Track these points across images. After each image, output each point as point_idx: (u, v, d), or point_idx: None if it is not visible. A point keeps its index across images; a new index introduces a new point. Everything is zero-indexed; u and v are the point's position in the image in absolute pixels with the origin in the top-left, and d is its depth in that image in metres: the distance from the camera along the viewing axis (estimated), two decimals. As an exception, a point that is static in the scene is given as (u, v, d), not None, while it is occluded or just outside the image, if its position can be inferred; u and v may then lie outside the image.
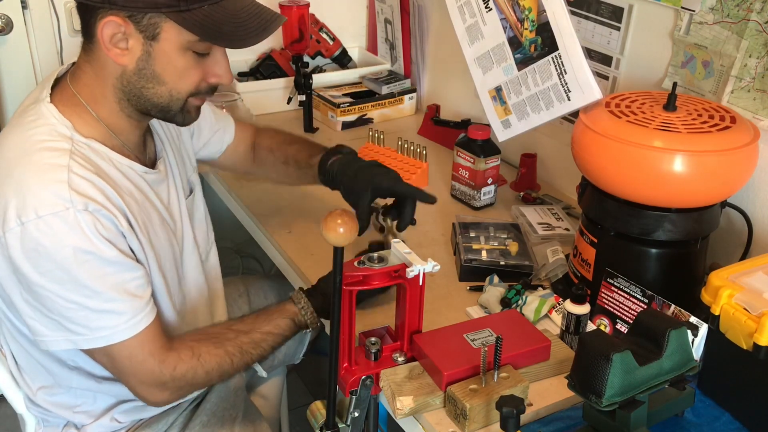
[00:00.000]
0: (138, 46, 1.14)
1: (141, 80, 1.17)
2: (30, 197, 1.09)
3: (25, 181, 1.10)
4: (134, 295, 1.17)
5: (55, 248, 1.09)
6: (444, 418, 1.13)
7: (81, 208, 1.10)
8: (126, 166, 1.23)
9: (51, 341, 1.17)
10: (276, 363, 1.79)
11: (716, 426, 1.14)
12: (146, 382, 1.20)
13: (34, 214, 1.08)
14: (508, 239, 1.56)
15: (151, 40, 1.13)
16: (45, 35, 2.09)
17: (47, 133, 1.16)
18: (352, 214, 0.97)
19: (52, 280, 1.11)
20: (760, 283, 1.12)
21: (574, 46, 1.41)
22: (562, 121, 1.80)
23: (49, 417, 1.37)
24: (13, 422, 1.89)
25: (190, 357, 1.22)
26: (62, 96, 1.20)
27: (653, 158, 1.20)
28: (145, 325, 1.18)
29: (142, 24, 1.12)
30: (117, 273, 1.15)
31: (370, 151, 1.95)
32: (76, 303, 1.13)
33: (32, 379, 1.34)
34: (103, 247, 1.12)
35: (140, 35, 1.13)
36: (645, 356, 1.01)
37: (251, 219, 1.74)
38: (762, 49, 1.33)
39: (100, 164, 1.18)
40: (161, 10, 1.11)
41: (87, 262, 1.11)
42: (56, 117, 1.17)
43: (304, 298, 1.32)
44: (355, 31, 2.54)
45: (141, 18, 1.11)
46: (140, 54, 1.15)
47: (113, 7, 1.10)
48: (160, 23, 1.12)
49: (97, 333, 1.15)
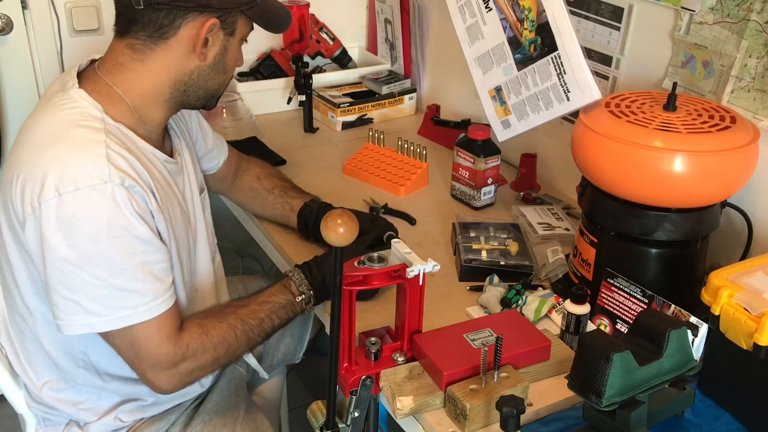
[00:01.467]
0: (218, 43, 1.26)
1: (212, 73, 1.28)
2: (69, 169, 1.11)
3: (63, 154, 1.13)
4: (157, 278, 1.18)
5: (90, 220, 1.11)
6: (444, 418, 1.13)
7: (118, 183, 1.13)
8: (150, 153, 1.26)
9: (66, 325, 1.17)
10: (276, 362, 1.79)
11: (716, 426, 1.14)
12: (159, 365, 1.21)
13: (73, 185, 1.10)
14: (508, 239, 1.56)
15: (229, 36, 1.27)
16: (45, 35, 2.09)
17: (79, 113, 1.19)
18: (352, 214, 0.97)
19: (81, 253, 1.12)
20: (760, 283, 1.12)
21: (574, 46, 1.41)
22: (562, 121, 1.80)
23: (50, 415, 1.38)
24: (13, 422, 1.90)
25: (199, 334, 1.24)
26: (94, 85, 1.24)
27: (653, 158, 1.20)
28: (165, 308, 1.19)
29: (227, 22, 1.25)
30: (145, 253, 1.17)
31: (370, 151, 1.95)
32: (100, 279, 1.14)
33: (38, 374, 1.35)
34: (136, 223, 1.15)
35: (221, 32, 1.25)
36: (645, 356, 1.01)
37: (251, 219, 1.74)
38: (762, 49, 1.33)
39: (130, 146, 1.21)
40: (242, 8, 1.26)
41: (119, 237, 1.13)
42: (87, 100, 1.21)
43: (297, 270, 1.35)
44: (355, 31, 2.54)
45: (227, 17, 1.24)
46: (218, 49, 1.26)
47: (207, 10, 1.21)
48: (237, 20, 1.27)
49: (118, 312, 1.16)
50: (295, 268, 1.36)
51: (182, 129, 1.45)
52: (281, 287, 1.34)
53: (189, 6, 1.20)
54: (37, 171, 1.12)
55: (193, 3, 1.20)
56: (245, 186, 1.67)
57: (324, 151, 2.08)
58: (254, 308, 1.31)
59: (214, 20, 1.22)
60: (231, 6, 1.23)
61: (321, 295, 1.35)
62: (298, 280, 1.34)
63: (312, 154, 2.04)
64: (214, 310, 1.31)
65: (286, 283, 1.34)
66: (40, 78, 2.12)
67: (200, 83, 1.28)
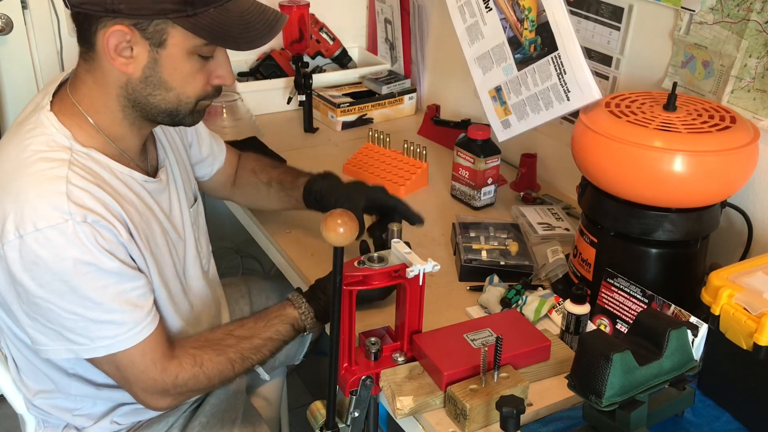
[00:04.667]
0: (144, 54, 1.12)
1: (147, 88, 1.15)
2: (28, 209, 1.08)
3: (23, 193, 1.09)
4: (135, 305, 1.16)
5: (54, 261, 1.08)
6: (444, 418, 1.13)
7: (80, 220, 1.09)
8: (126, 175, 1.21)
9: (51, 350, 1.17)
10: (276, 364, 1.78)
11: (716, 426, 1.14)
12: (148, 389, 1.20)
13: (33, 226, 1.07)
14: (508, 239, 1.56)
15: (157, 47, 1.12)
16: (45, 35, 2.09)
17: (45, 143, 1.14)
18: (351, 214, 0.97)
19: (52, 291, 1.10)
20: (760, 283, 1.12)
21: (574, 46, 1.41)
22: (562, 121, 1.80)
23: (49, 418, 1.37)
24: (13, 422, 1.89)
25: (191, 365, 1.22)
26: (62, 105, 1.19)
27: (653, 158, 1.20)
28: (146, 334, 1.17)
29: (148, 31, 1.10)
30: (117, 283, 1.14)
31: (370, 151, 1.95)
32: (76, 314, 1.12)
33: (31, 382, 1.34)
34: (104, 258, 1.11)
35: (146, 42, 1.11)
36: (645, 356, 1.01)
37: (251, 219, 1.74)
38: (762, 49, 1.33)
39: (101, 173, 1.17)
40: (168, 16, 1.09)
41: (87, 273, 1.10)
42: (55, 126, 1.16)
43: (305, 303, 1.32)
44: (355, 31, 2.54)
45: (147, 25, 1.10)
46: (146, 62, 1.13)
47: (117, 16, 1.08)
48: (166, 29, 1.11)
49: (98, 343, 1.15)
50: (300, 299, 1.33)
51: (172, 140, 1.40)
52: (289, 327, 1.30)
53: (95, 10, 1.08)
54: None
55: (98, 6, 1.08)
56: (244, 182, 1.63)
57: (324, 151, 2.08)
58: (258, 344, 1.28)
59: (122, 28, 1.08)
60: (146, 12, 1.08)
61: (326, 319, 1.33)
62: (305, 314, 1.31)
63: (312, 154, 2.04)
64: (212, 339, 1.28)
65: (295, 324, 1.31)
66: (40, 78, 2.12)
67: (140, 99, 1.17)
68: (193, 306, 1.38)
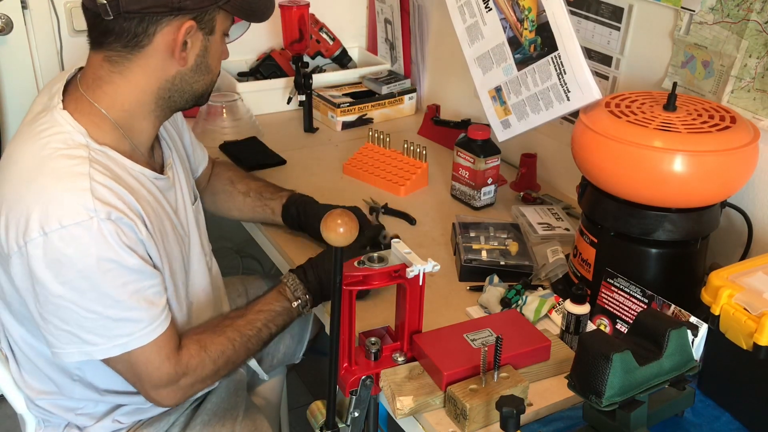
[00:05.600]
0: (198, 44, 1.19)
1: (195, 75, 1.22)
2: (53, 207, 1.08)
3: (46, 190, 1.09)
4: (152, 303, 1.17)
5: (79, 258, 1.08)
6: (444, 418, 1.13)
7: (104, 217, 1.09)
8: (138, 172, 1.22)
9: (64, 354, 1.17)
10: (276, 363, 1.79)
11: (716, 426, 1.14)
12: (160, 384, 1.21)
13: (58, 224, 1.07)
14: (508, 239, 1.56)
15: (209, 35, 1.20)
16: (45, 35, 2.09)
17: (63, 140, 1.14)
18: (351, 214, 0.97)
19: (73, 289, 1.10)
20: (760, 283, 1.12)
21: (574, 46, 1.41)
22: (562, 121, 1.80)
23: (50, 417, 1.38)
24: (13, 422, 1.89)
25: (198, 350, 1.24)
26: (77, 104, 1.19)
27: (653, 158, 1.20)
28: (161, 331, 1.18)
29: (204, 21, 1.18)
30: (137, 281, 1.14)
31: (370, 151, 1.95)
32: (95, 312, 1.12)
33: (35, 382, 1.34)
34: (126, 255, 1.12)
35: (200, 33, 1.18)
36: (645, 356, 1.01)
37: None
38: (762, 49, 1.33)
39: (116, 171, 1.17)
40: (219, 3, 1.17)
41: (110, 271, 1.11)
42: (71, 124, 1.16)
43: (292, 275, 1.34)
44: (355, 31, 2.54)
45: (204, 16, 1.17)
46: (198, 50, 1.20)
47: (181, 13, 1.14)
48: (215, 16, 1.19)
49: (115, 341, 1.15)
50: (290, 273, 1.36)
51: (174, 138, 1.42)
52: (277, 294, 1.33)
53: (161, 11, 1.13)
54: (21, 207, 1.09)
55: (165, 7, 1.13)
56: (218, 189, 1.64)
57: (324, 151, 2.08)
58: (251, 318, 1.30)
59: (190, 23, 1.15)
60: (206, 4, 1.16)
61: (318, 297, 1.35)
62: (293, 285, 1.33)
63: (312, 154, 2.04)
64: (211, 324, 1.31)
65: (282, 290, 1.33)
66: (40, 78, 2.12)
67: (184, 87, 1.23)
68: (194, 301, 1.39)
